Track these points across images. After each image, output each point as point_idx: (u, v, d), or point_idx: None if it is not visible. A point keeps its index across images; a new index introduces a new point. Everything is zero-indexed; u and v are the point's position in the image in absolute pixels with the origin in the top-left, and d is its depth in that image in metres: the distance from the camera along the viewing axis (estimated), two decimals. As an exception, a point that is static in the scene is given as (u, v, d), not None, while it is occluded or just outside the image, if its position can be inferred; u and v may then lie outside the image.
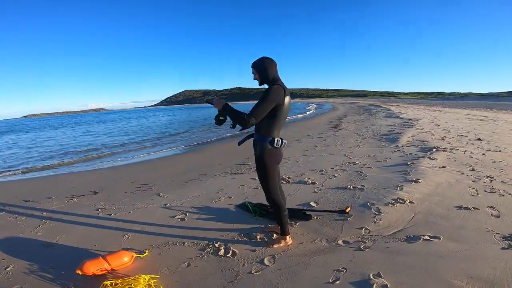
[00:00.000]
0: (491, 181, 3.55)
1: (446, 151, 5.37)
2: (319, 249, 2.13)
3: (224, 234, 2.45)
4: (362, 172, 4.19)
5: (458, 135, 7.44)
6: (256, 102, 1.98)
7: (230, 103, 2.06)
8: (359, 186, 3.53)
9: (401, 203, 2.89)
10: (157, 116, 45.93)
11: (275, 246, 2.16)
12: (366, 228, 2.41)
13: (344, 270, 1.85)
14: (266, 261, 2.01)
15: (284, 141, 2.10)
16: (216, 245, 2.24)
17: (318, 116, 19.90)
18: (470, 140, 6.66)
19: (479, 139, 6.71)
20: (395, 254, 2.00)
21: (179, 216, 2.96)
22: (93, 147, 11.66)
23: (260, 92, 1.98)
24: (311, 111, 28.56)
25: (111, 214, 3.20)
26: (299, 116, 23.21)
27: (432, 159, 4.77)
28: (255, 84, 2.15)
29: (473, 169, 4.10)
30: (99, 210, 3.40)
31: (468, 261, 1.87)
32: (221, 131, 15.65)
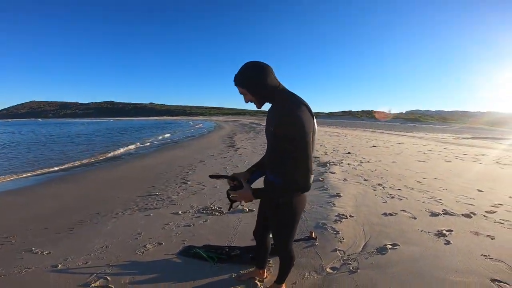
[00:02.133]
0: (383, 188, 4.39)
1: (337, 165, 6.38)
2: (317, 284, 1.89)
3: (191, 302, 1.73)
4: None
5: (333, 150, 9.11)
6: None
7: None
8: (298, 206, 3.51)
9: (345, 218, 3.05)
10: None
11: None
12: (339, 250, 2.34)
13: (362, 299, 1.68)
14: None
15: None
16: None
17: (208, 134, 19.80)
18: (344, 154, 8.28)
19: (349, 153, 8.46)
20: (384, 267, 2.05)
21: (97, 283, 1.92)
22: None
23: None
24: (199, 129, 28.30)
25: None
26: (188, 132, 22.45)
27: (332, 173, 5.49)
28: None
29: (365, 179, 4.99)
30: None
31: (438, 259, 2.14)
32: (91, 148, 12.67)
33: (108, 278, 2.00)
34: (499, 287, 1.73)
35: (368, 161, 6.95)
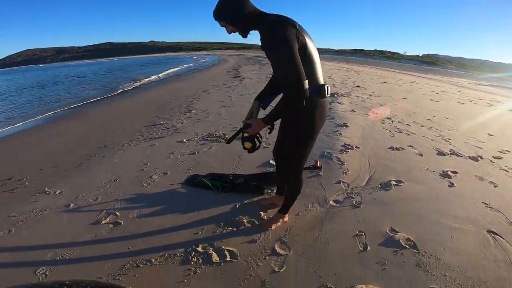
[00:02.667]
0: (392, 122, 4.25)
1: (345, 96, 6.13)
2: (320, 217, 1.90)
3: (197, 230, 1.79)
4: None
5: (342, 83, 8.68)
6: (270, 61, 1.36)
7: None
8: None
9: (351, 149, 3.01)
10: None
11: (274, 226, 1.76)
12: (343, 182, 2.34)
13: (363, 234, 1.72)
14: (278, 249, 1.60)
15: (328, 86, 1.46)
16: (199, 249, 1.60)
17: (212, 67, 18.91)
18: (353, 87, 7.89)
19: (358, 86, 8.06)
20: (387, 204, 2.03)
21: (107, 220, 1.96)
22: None
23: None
24: (203, 63, 27.05)
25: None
26: (192, 66, 21.54)
27: (340, 103, 5.31)
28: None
29: (374, 112, 4.82)
30: None
31: (440, 201, 2.10)
32: (98, 87, 12.42)
33: (117, 213, 2.03)
34: (494, 240, 1.68)
35: (378, 96, 6.65)
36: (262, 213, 1.93)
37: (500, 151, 3.26)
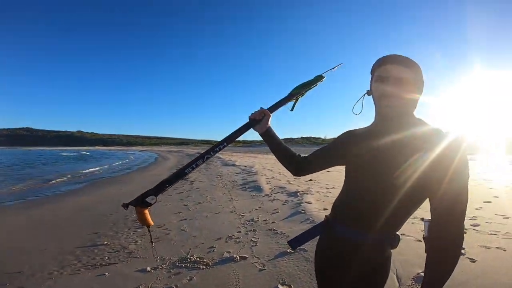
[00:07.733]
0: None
1: (307, 193, 6.14)
2: None
3: None
4: (276, 230, 3.71)
5: (294, 179, 8.98)
6: None
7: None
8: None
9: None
10: None
11: None
12: None
13: None
14: None
15: None
16: None
17: (152, 166, 17.95)
18: (306, 181, 8.18)
19: (310, 180, 8.42)
20: None
21: None
22: None
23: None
24: (141, 160, 25.73)
25: None
26: (129, 165, 19.99)
27: (309, 203, 5.20)
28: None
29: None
30: None
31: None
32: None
33: None
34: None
35: (333, 187, 6.94)
36: None
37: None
